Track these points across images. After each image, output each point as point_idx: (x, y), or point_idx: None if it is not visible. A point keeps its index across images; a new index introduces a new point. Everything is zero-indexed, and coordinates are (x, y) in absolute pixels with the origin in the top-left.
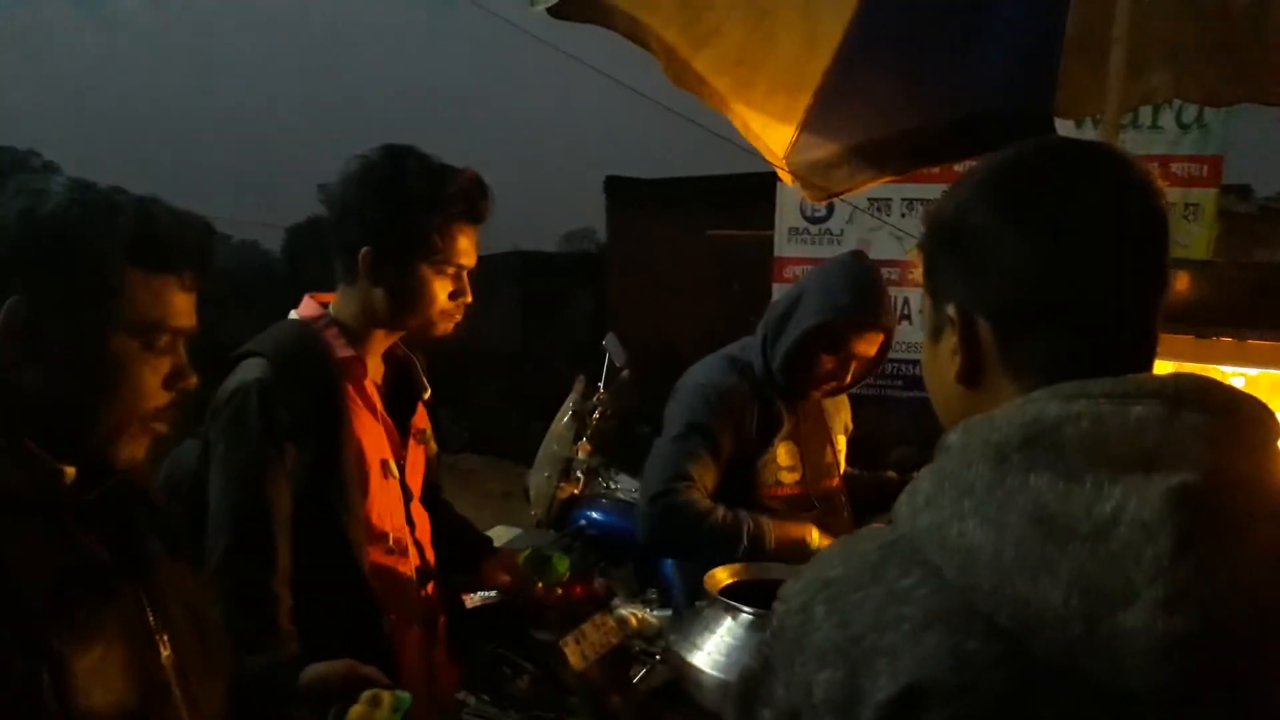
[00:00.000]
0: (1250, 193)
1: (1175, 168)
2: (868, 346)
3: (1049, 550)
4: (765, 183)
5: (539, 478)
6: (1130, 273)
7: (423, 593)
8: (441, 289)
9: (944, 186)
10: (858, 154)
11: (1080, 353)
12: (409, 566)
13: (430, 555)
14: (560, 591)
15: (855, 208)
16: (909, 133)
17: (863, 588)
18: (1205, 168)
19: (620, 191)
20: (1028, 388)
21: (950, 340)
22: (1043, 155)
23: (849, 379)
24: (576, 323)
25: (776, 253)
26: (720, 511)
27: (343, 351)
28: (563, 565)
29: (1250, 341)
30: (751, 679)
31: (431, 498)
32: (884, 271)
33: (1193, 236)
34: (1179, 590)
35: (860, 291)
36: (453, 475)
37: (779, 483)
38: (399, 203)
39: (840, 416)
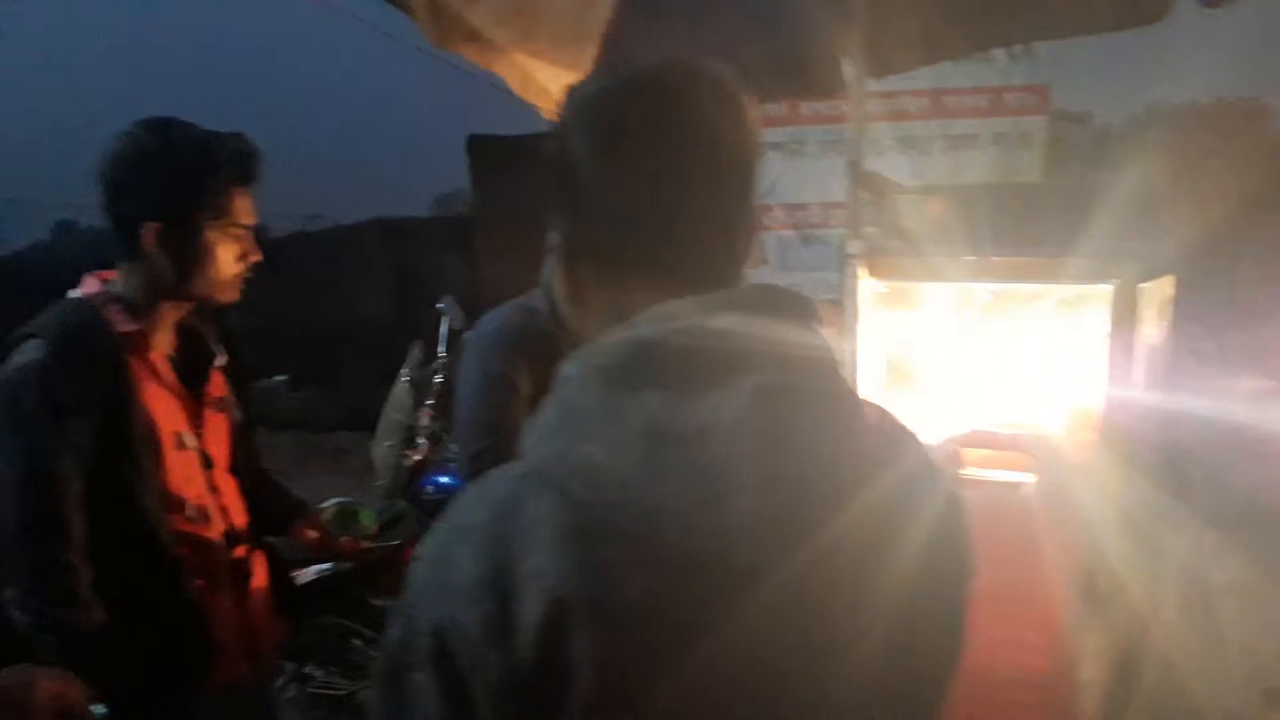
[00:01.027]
0: (1090, 119)
1: (1008, 98)
2: None
3: (662, 458)
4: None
5: (381, 447)
6: (719, 195)
7: (232, 556)
8: (228, 252)
9: (792, 129)
10: None
11: (674, 276)
12: (214, 532)
13: (238, 520)
14: (368, 544)
15: None
16: None
17: (502, 522)
18: (1035, 97)
19: (483, 150)
20: (628, 313)
21: (559, 264)
22: (632, 84)
23: None
24: (451, 288)
25: None
26: None
27: (124, 326)
28: (368, 519)
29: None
30: (396, 646)
31: (244, 464)
32: (804, 215)
33: (1025, 163)
34: (770, 477)
35: None
36: (322, 454)
37: None
38: (173, 172)
39: None
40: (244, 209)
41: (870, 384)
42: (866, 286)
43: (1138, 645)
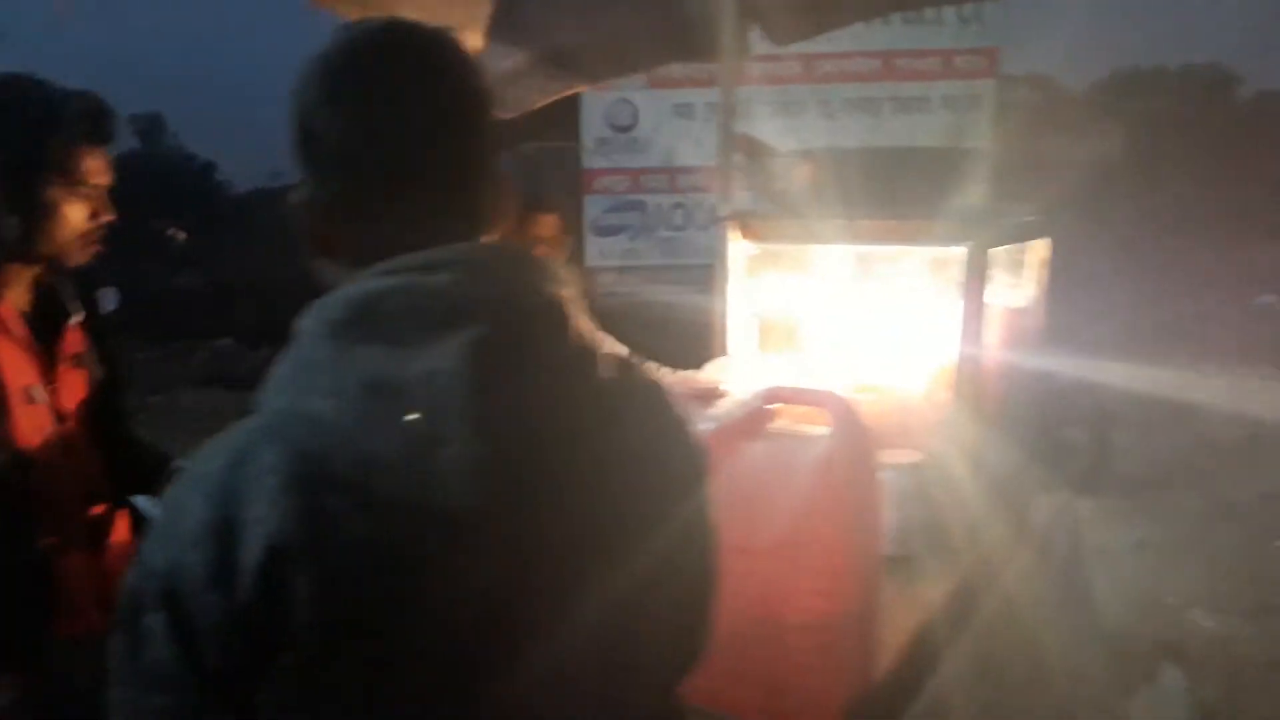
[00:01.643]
0: (1050, 83)
1: (958, 61)
2: (543, 228)
3: (380, 409)
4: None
5: None
6: (446, 152)
7: (89, 513)
8: (76, 211)
9: (758, 88)
10: (551, 62)
11: (403, 230)
12: (66, 488)
13: (95, 477)
14: None
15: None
16: (604, 39)
17: (231, 471)
18: (985, 60)
19: None
20: (357, 267)
21: (303, 220)
22: (360, 40)
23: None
24: None
25: (585, 164)
26: None
27: None
28: None
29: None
30: (131, 589)
31: (108, 422)
32: (689, 179)
33: (975, 126)
34: (479, 425)
35: (522, 182)
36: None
37: None
38: (14, 130)
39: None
40: (95, 169)
41: (742, 345)
42: (738, 248)
43: (963, 597)
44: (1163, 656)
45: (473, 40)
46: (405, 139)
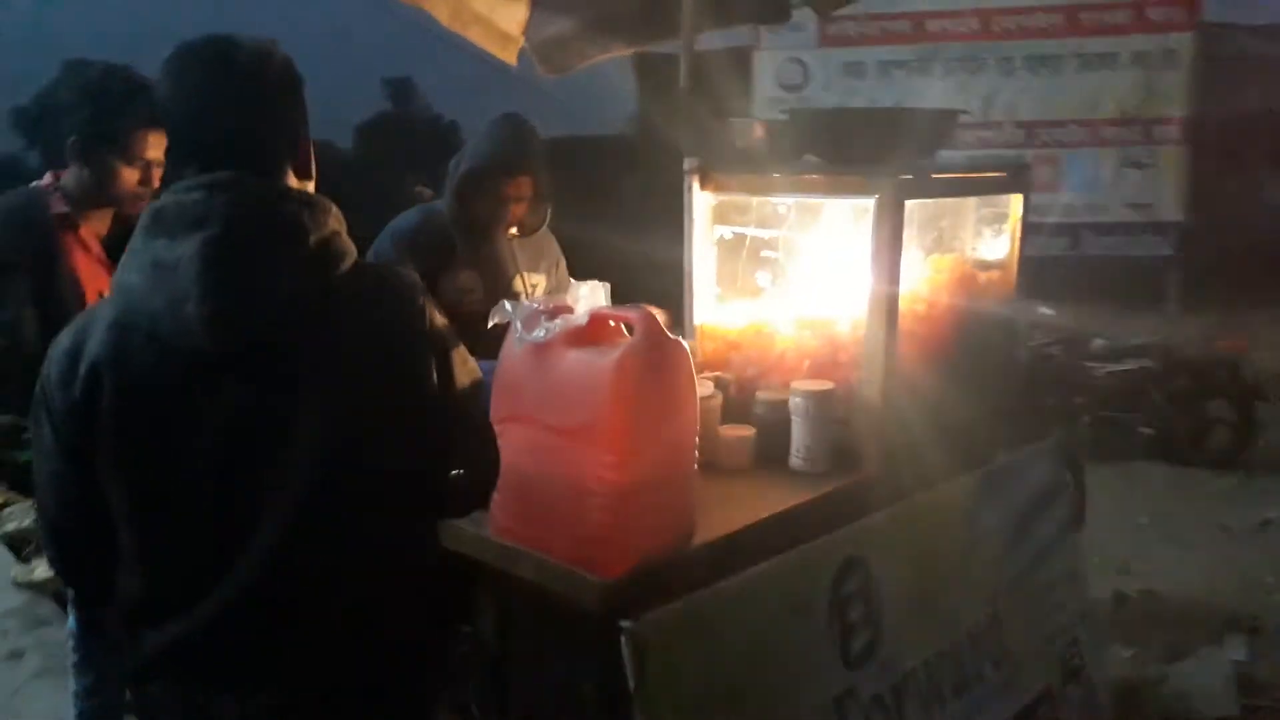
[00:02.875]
0: (1233, 32)
1: (1150, 12)
2: (518, 189)
3: (159, 279)
4: (741, 56)
5: None
6: (218, 124)
7: None
8: (130, 177)
9: (927, 46)
10: (593, 27)
11: (188, 169)
12: None
13: None
14: None
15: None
16: (645, 5)
17: (88, 317)
18: (1183, 10)
19: (649, 67)
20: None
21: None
22: (182, 50)
23: (515, 223)
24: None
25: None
26: None
27: (58, 208)
28: None
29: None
30: (34, 395)
31: None
32: None
33: (1170, 86)
34: (207, 291)
35: (502, 143)
36: None
37: (460, 302)
38: (98, 111)
39: (544, 260)
40: (152, 145)
41: (703, 285)
42: (700, 198)
43: (839, 506)
44: (1229, 630)
45: (518, 10)
46: (190, 115)
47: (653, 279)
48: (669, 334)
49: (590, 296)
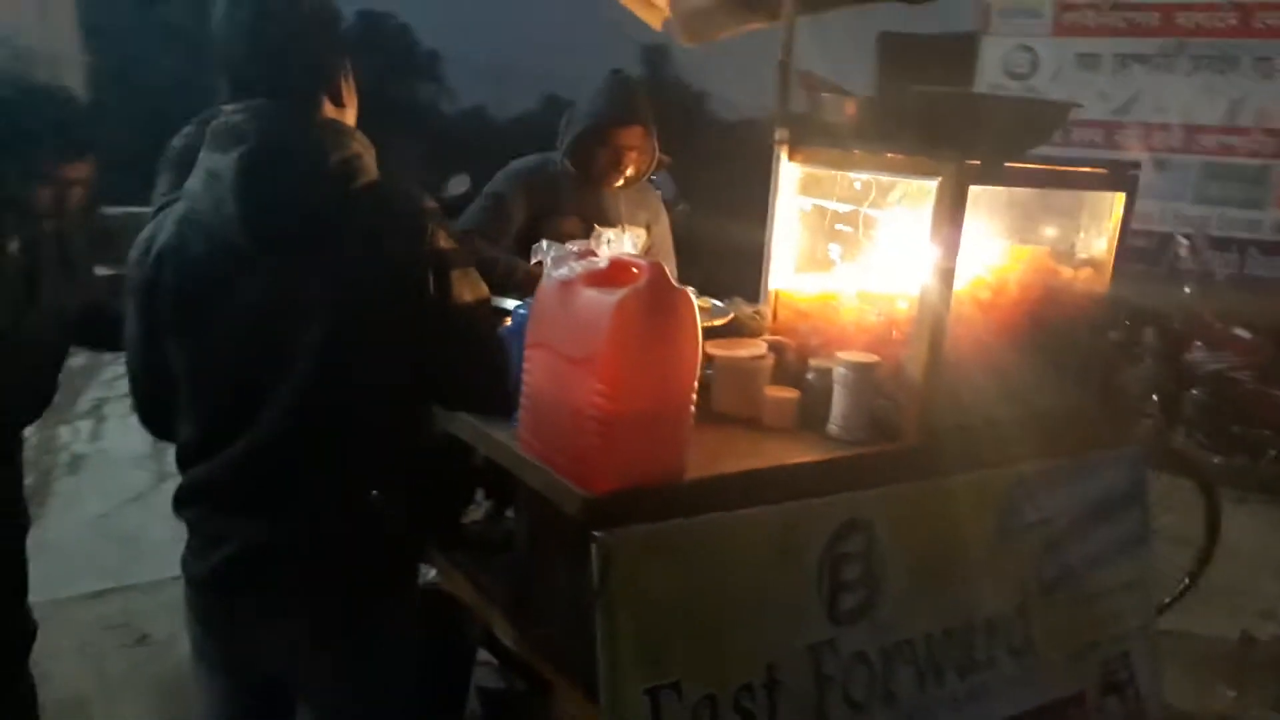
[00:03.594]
0: None
1: None
2: (629, 139)
3: (210, 185)
4: (965, 42)
5: None
6: (261, 42)
7: None
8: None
9: (1172, 41)
10: (733, 1)
11: (246, 93)
12: None
13: None
14: None
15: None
16: None
17: (162, 212)
18: None
19: (892, 47)
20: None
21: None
22: None
23: (630, 169)
24: None
25: None
26: (494, 251)
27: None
28: None
29: None
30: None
31: None
32: (1089, 133)
33: None
34: (239, 195)
35: (613, 97)
36: None
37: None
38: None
39: (644, 212)
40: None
41: (782, 253)
42: (788, 168)
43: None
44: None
45: None
46: (236, 49)
47: None
48: (674, 284)
49: (616, 244)
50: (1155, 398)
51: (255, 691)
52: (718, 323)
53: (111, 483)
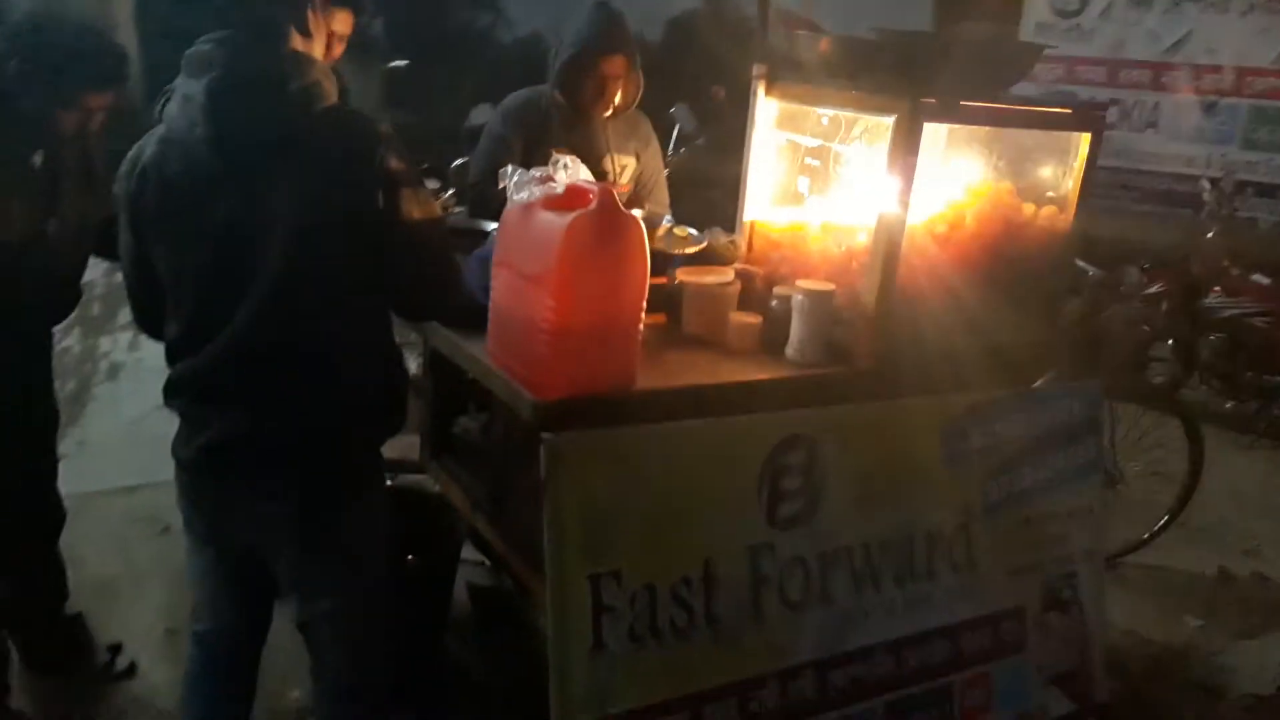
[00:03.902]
0: None
1: None
2: (612, 68)
3: (184, 109)
4: None
5: None
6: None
7: None
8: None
9: None
10: None
11: (216, 25)
12: None
13: None
14: None
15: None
16: None
17: (147, 135)
18: None
19: None
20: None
21: None
22: None
23: (618, 97)
24: None
25: None
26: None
27: None
28: None
29: None
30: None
31: None
32: (1136, 73)
33: None
34: (206, 119)
35: (596, 27)
36: None
37: None
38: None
39: (633, 141)
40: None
41: (758, 185)
42: (765, 103)
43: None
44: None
45: None
46: None
47: None
48: (623, 209)
49: (573, 170)
50: (1170, 342)
51: (237, 561)
52: (690, 251)
53: (146, 389)
